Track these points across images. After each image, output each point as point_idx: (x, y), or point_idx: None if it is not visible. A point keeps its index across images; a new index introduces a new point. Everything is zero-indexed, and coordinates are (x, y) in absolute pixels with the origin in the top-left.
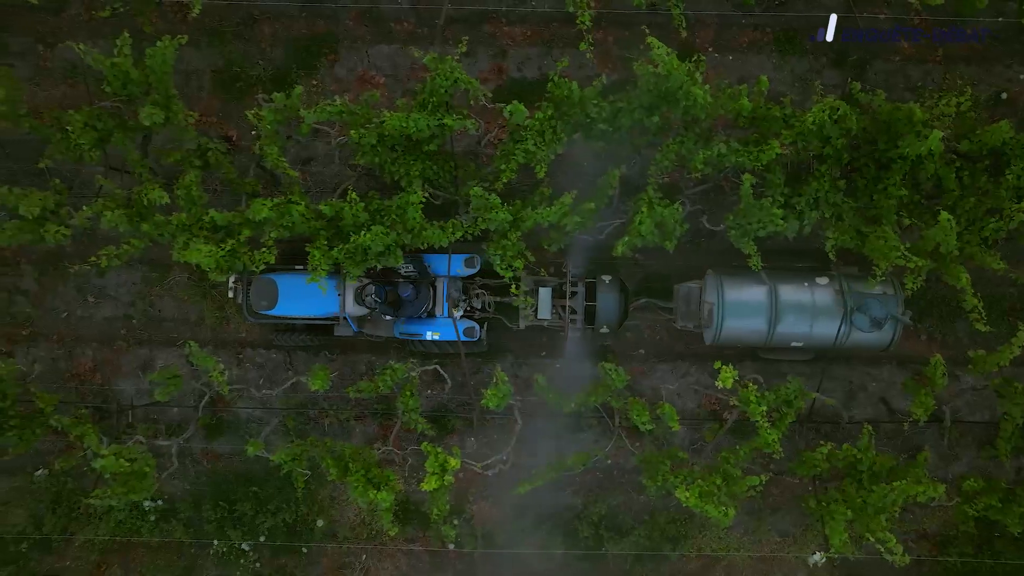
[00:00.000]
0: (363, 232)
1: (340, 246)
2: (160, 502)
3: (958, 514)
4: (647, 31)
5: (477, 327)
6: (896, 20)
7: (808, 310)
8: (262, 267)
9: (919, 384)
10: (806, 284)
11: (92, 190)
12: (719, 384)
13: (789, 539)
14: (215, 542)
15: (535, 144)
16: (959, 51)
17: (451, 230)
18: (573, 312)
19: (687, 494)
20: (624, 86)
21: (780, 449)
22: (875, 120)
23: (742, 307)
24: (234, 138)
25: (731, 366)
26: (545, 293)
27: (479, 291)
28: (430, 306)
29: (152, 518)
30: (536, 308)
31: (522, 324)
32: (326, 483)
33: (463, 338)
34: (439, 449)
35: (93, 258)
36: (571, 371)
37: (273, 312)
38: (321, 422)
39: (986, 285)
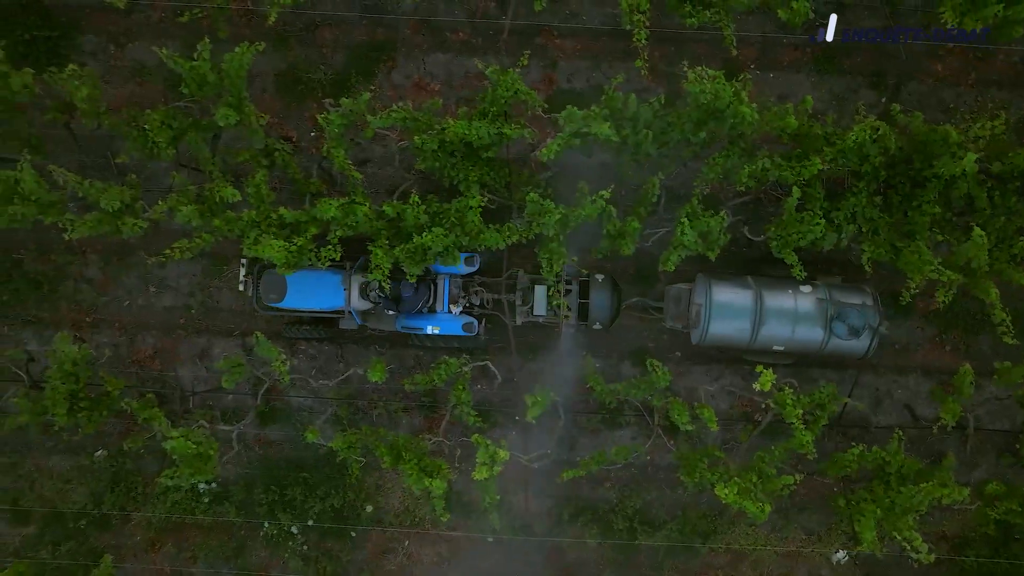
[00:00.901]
0: (424, 233)
1: (401, 245)
2: (214, 485)
3: (979, 516)
4: (687, 65)
5: (475, 322)
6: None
7: (790, 316)
8: (327, 263)
9: (946, 392)
10: (790, 291)
11: (156, 185)
12: (757, 387)
13: (814, 537)
14: (265, 524)
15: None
16: (991, 75)
17: (507, 233)
18: (568, 309)
19: (726, 491)
20: (670, 100)
21: (813, 450)
22: (912, 140)
23: (728, 310)
24: (293, 139)
25: (770, 370)
26: (541, 290)
27: (478, 288)
28: (431, 302)
29: (206, 500)
30: (532, 305)
31: (518, 320)
32: (372, 471)
33: (461, 332)
34: (488, 441)
35: (168, 250)
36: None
37: (282, 305)
38: (369, 413)
39: (1011, 300)
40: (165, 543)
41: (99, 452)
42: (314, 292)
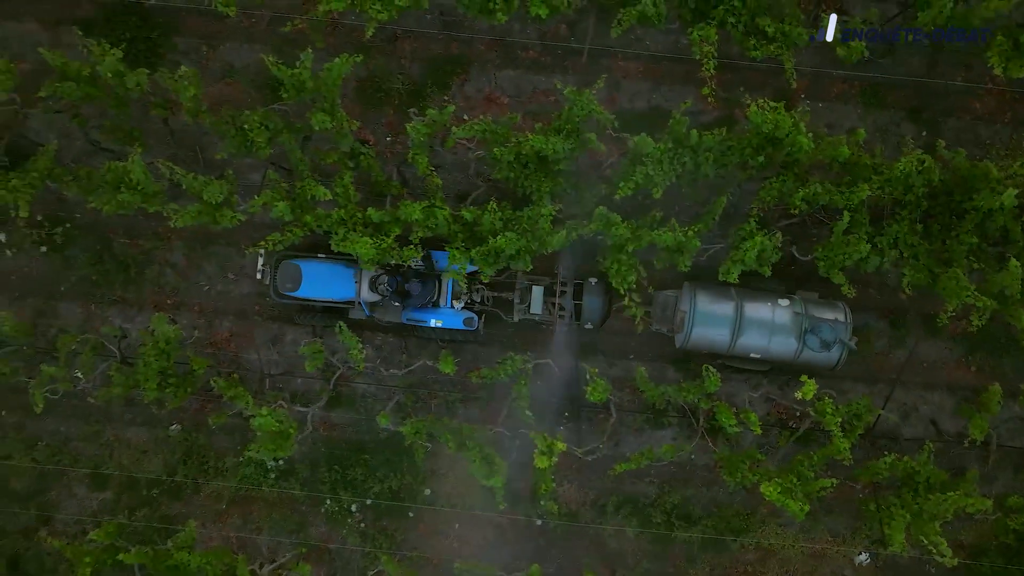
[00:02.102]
0: (499, 237)
1: (476, 248)
2: (281, 462)
3: (998, 527)
4: (749, 97)
5: (476, 318)
6: (969, 85)
7: (768, 326)
8: (409, 262)
9: (974, 409)
10: (769, 304)
11: (239, 180)
12: (799, 395)
13: (839, 538)
14: (327, 501)
15: (653, 170)
16: None
17: (573, 234)
18: (562, 309)
19: (771, 489)
20: (727, 122)
21: (850, 456)
22: (954, 174)
23: (710, 317)
24: (371, 142)
25: (812, 380)
26: (538, 291)
27: (479, 286)
28: (435, 297)
29: (273, 476)
30: (529, 304)
31: (516, 317)
32: (429, 456)
33: (462, 327)
34: (545, 434)
35: (262, 242)
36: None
37: (296, 294)
38: (429, 402)
39: None
40: (232, 514)
41: (174, 426)
42: (327, 283)
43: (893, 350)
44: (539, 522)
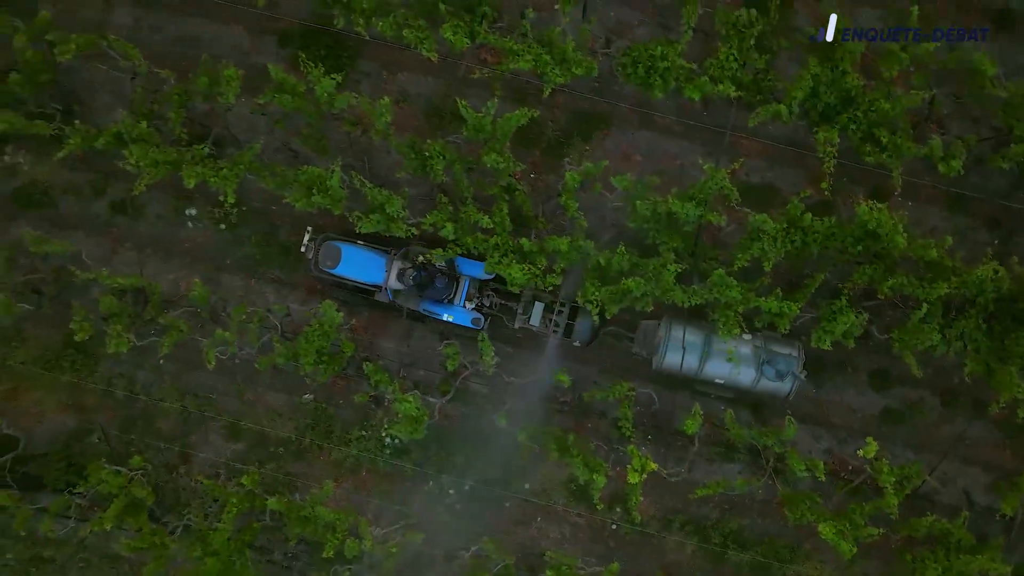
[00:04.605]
0: (630, 280)
1: (608, 286)
2: (397, 441)
3: None
4: (861, 200)
5: (482, 318)
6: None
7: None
8: (550, 287)
9: (1008, 488)
10: (735, 337)
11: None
12: (860, 453)
13: None
14: (430, 483)
15: (768, 245)
16: None
17: (692, 295)
18: (556, 325)
19: (827, 529)
20: (826, 206)
21: (896, 511)
22: (1020, 285)
23: (681, 345)
24: (517, 177)
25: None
26: (539, 306)
27: (490, 293)
28: (451, 295)
29: (388, 451)
30: (530, 316)
31: (516, 324)
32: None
33: (470, 325)
34: (639, 452)
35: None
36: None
37: (334, 271)
38: (536, 409)
39: None
40: (345, 479)
41: (307, 396)
42: (362, 266)
43: (941, 424)
44: (614, 526)
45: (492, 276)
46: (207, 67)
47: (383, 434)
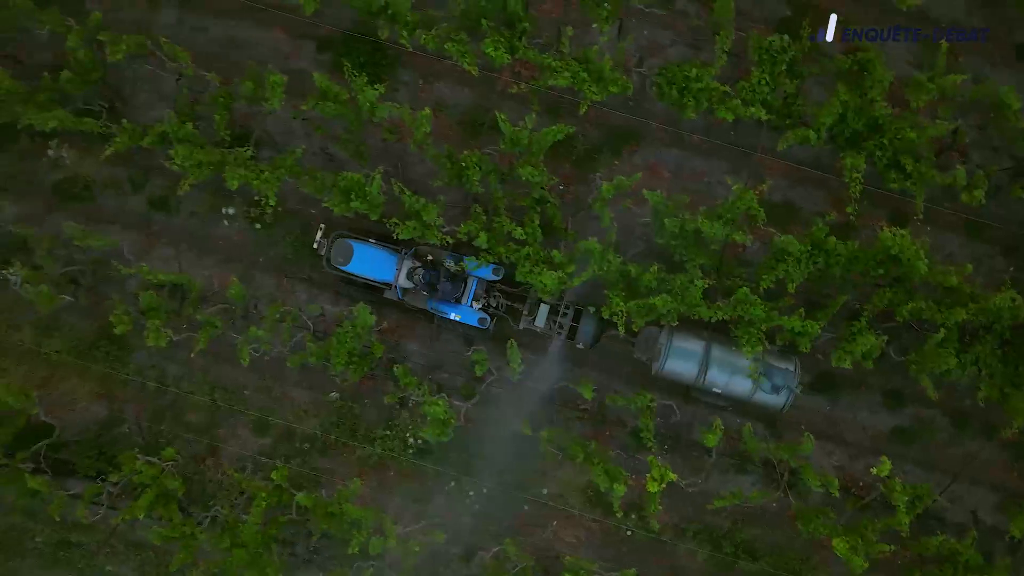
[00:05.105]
0: (656, 297)
1: (635, 301)
2: (420, 441)
3: None
4: (884, 225)
5: (488, 318)
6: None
7: (729, 367)
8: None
9: (1017, 509)
10: (734, 349)
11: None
12: (875, 471)
13: None
14: (452, 483)
15: (792, 267)
16: None
17: (716, 311)
18: (561, 327)
19: (841, 544)
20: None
21: (907, 529)
22: None
23: (682, 353)
24: (547, 188)
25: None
26: (544, 308)
27: (496, 293)
28: (459, 295)
29: (411, 451)
30: (535, 317)
31: (522, 325)
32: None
33: (476, 324)
34: (658, 461)
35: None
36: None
37: (345, 268)
38: (557, 417)
39: None
40: (368, 476)
41: (333, 394)
42: (373, 265)
43: (951, 445)
44: (629, 532)
45: (499, 277)
46: (253, 72)
47: (407, 434)
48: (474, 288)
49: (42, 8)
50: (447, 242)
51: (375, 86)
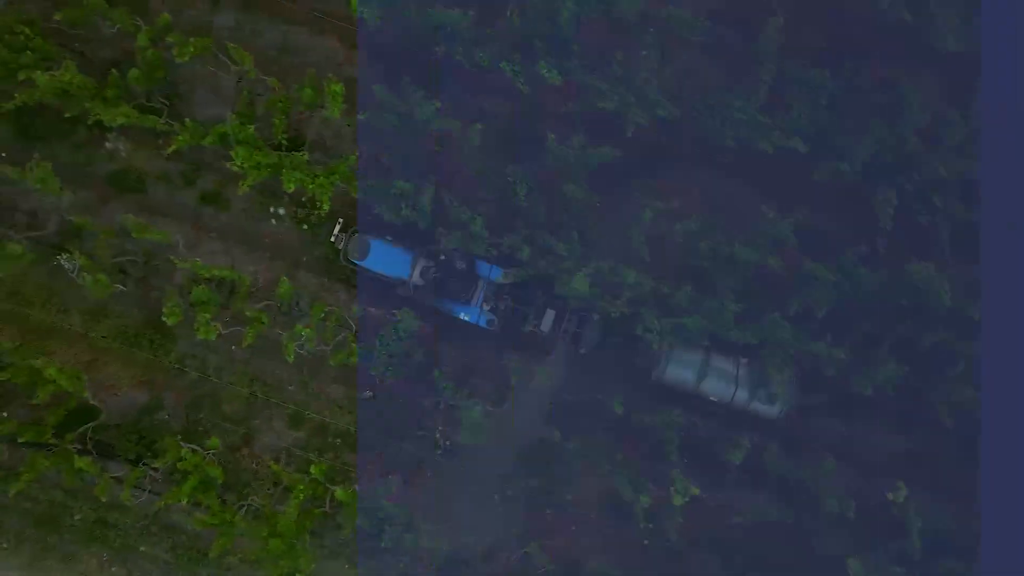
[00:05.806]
0: (689, 318)
1: (666, 318)
2: (448, 443)
3: None
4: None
5: (495, 319)
6: None
7: (728, 377)
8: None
9: None
10: (732, 358)
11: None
12: (891, 497)
13: None
14: (478, 485)
15: (821, 294)
16: None
17: (746, 332)
18: (565, 332)
19: (857, 565)
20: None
21: (919, 552)
22: None
23: (682, 361)
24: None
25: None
26: (550, 313)
27: (505, 296)
28: (469, 296)
29: (439, 452)
30: (541, 322)
31: (526, 328)
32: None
33: (484, 325)
34: (681, 475)
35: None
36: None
37: (361, 263)
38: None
39: None
40: (399, 474)
41: (367, 393)
42: (389, 261)
43: (963, 468)
44: (645, 542)
45: (509, 281)
46: (312, 79)
47: (437, 435)
48: (484, 290)
49: (112, 6)
50: (492, 253)
51: (432, 101)
